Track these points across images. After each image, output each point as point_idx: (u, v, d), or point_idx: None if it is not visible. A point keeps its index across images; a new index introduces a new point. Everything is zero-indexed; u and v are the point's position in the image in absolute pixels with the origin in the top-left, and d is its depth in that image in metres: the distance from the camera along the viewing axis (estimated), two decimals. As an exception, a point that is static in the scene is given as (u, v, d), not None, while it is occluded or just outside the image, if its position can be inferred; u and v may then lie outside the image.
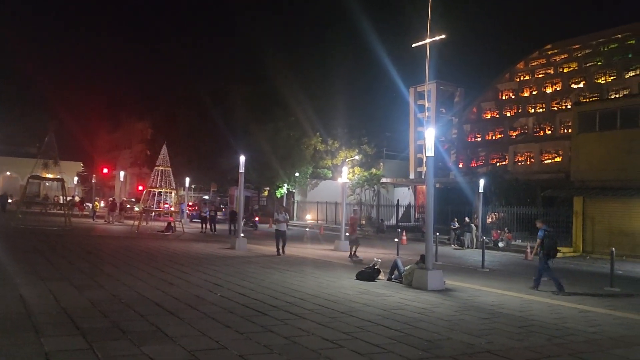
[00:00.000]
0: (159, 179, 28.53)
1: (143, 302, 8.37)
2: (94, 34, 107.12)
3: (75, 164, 71.69)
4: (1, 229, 22.40)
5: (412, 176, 47.04)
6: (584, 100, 35.58)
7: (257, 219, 36.44)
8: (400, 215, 41.07)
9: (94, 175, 64.96)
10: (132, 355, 5.56)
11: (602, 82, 41.01)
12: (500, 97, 48.71)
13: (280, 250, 17.39)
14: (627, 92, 36.32)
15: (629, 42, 43.29)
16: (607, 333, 8.02)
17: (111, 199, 41.31)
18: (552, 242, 12.46)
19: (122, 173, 48.54)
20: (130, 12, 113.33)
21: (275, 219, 18.23)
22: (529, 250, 21.55)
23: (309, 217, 45.10)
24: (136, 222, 27.84)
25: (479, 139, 47.79)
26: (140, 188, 52.94)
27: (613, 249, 14.28)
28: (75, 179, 64.82)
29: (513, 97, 47.45)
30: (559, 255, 22.59)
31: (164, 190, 29.28)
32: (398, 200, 42.86)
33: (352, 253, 17.60)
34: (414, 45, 38.69)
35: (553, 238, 12.64)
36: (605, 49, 44.69)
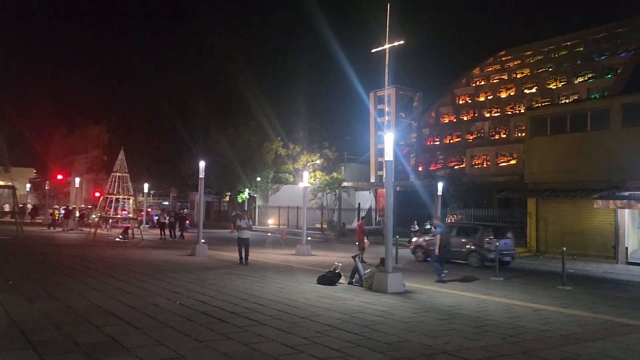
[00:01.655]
0: (116, 185, 27.89)
1: (98, 313, 8.16)
2: (47, 37, 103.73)
3: (28, 170, 69.23)
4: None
5: (372, 180, 47.50)
6: (536, 105, 36.85)
7: (187, 222, 32.76)
8: (361, 218, 41.40)
9: (48, 182, 62.78)
10: (86, 368, 5.42)
11: (553, 88, 42.56)
12: (457, 101, 49.85)
13: (243, 259, 16.47)
14: (577, 97, 37.82)
15: (577, 49, 45.14)
16: (559, 330, 8.32)
17: (65, 206, 40.14)
18: (446, 237, 14.99)
19: (77, 179, 47.01)
20: (85, 15, 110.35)
21: (238, 226, 17.30)
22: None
23: (271, 222, 44.93)
24: (93, 230, 27.09)
25: (437, 143, 48.74)
26: (97, 194, 51.53)
27: (564, 248, 14.84)
28: (28, 185, 62.45)
29: (469, 101, 48.64)
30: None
31: (121, 196, 28.62)
32: (359, 204, 43.21)
33: (360, 258, 17.02)
34: (373, 50, 39.27)
35: (447, 233, 15.22)
36: (556, 56, 46.44)
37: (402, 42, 37.25)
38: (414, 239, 22.28)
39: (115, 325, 7.37)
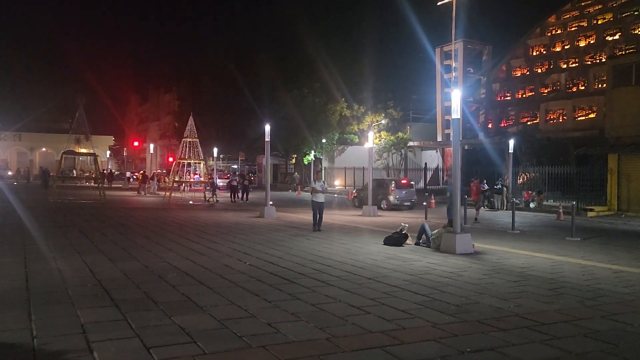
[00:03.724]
0: (187, 150, 28.94)
1: (174, 273, 8.57)
2: (119, 7, 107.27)
3: (107, 137, 73.15)
4: (40, 204, 23.17)
5: (439, 139, 46.31)
6: (620, 53, 34.05)
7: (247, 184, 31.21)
8: (428, 178, 40.70)
9: (125, 149, 66.25)
10: (164, 325, 5.72)
11: (639, 33, 39.09)
12: (530, 53, 47.01)
13: (317, 225, 15.10)
14: (667, 42, 34.59)
15: (668, -11, 40.93)
16: (641, 293, 7.86)
17: (142, 171, 42.35)
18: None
19: (152, 146, 49.30)
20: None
21: (312, 188, 15.87)
22: (561, 210, 21.14)
23: (337, 183, 45.16)
24: (168, 193, 28.40)
25: (508, 98, 46.52)
26: (171, 159, 53.82)
27: (649, 207, 13.87)
28: (108, 152, 66.25)
29: (544, 52, 45.74)
30: (592, 214, 22.25)
31: (192, 161, 29.72)
32: (426, 163, 42.38)
33: (476, 217, 18.81)
34: (439, 3, 37.59)
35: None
36: (643, -3, 42.42)
37: (470, -8, 35.32)
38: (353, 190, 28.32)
39: (189, 285, 7.72)
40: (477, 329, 5.85)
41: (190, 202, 27.52)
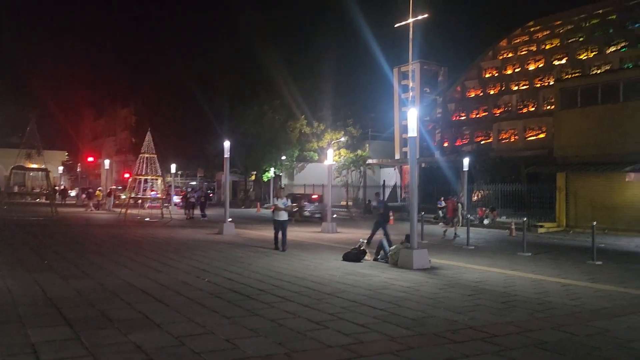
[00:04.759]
0: (144, 166, 28.42)
1: (130, 290, 8.40)
2: (74, 20, 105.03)
3: (60, 153, 70.82)
4: (-15, 221, 22.18)
5: (397, 156, 47.16)
6: (566, 77, 35.79)
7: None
8: (387, 195, 41.29)
9: (79, 164, 64.25)
10: (119, 343, 5.61)
11: (584, 58, 41.21)
12: (483, 75, 48.76)
13: (280, 245, 14.26)
14: (608, 68, 36.58)
15: (610, 17, 43.46)
16: (588, 305, 8.23)
17: (88, 188, 42.16)
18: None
19: (107, 161, 48.03)
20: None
21: (274, 205, 15.17)
22: (513, 226, 21.87)
23: (297, 200, 45.14)
24: (124, 210, 27.73)
25: (463, 118, 47.96)
26: (127, 176, 52.59)
27: (594, 223, 14.55)
28: (61, 168, 64.10)
29: (496, 75, 47.53)
30: (543, 230, 23.10)
31: (149, 177, 29.18)
32: (384, 181, 43.05)
33: (455, 232, 19.88)
34: (396, 25, 38.60)
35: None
36: (587, 25, 44.82)
37: (426, 15, 36.50)
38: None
39: (146, 302, 7.58)
40: (433, 342, 6.00)
41: (147, 219, 26.95)
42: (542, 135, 39.49)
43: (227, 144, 19.90)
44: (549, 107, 38.44)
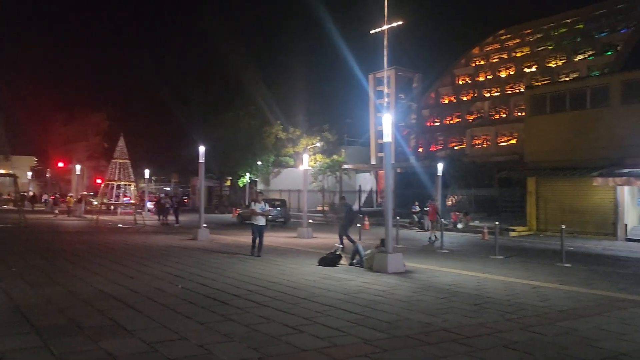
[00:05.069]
0: (117, 171, 27.98)
1: (101, 297, 8.26)
2: (44, 24, 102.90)
3: (29, 158, 69.24)
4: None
5: (373, 162, 47.50)
6: (536, 84, 36.65)
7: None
8: (362, 200, 41.53)
9: (49, 170, 62.85)
10: (89, 350, 5.51)
11: (553, 66, 42.30)
12: (457, 81, 49.60)
13: (256, 250, 14.05)
14: (577, 75, 37.60)
15: (577, 27, 44.75)
16: (556, 307, 8.41)
17: (54, 194, 41.72)
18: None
19: (78, 167, 47.02)
20: (83, 1, 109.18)
21: (251, 210, 14.66)
22: (485, 230, 22.23)
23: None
24: (95, 216, 27.23)
25: (437, 124, 48.63)
26: (99, 181, 51.66)
27: (563, 226, 14.90)
28: (29, 173, 62.62)
29: (469, 81, 48.39)
30: (514, 234, 23.54)
31: (122, 182, 28.73)
32: (360, 186, 43.28)
33: (433, 235, 19.96)
34: (372, 31, 38.92)
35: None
36: (556, 34, 46.07)
37: (400, 22, 36.91)
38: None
39: (118, 309, 7.46)
40: (407, 344, 6.06)
41: (120, 225, 26.52)
42: (513, 141, 40.30)
43: (202, 149, 19.76)
44: (520, 114, 39.28)
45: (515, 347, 6.02)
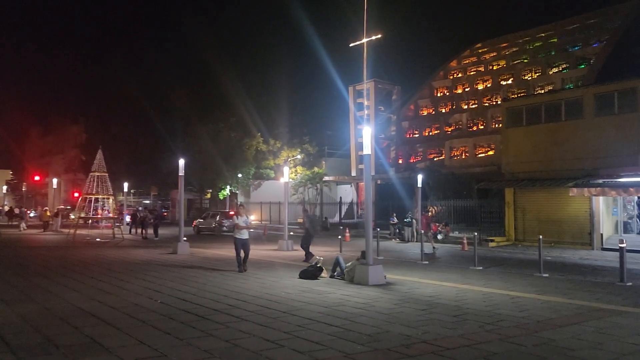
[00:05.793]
0: (95, 185, 27.59)
1: (78, 314, 8.11)
2: (19, 34, 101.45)
3: (4, 171, 67.88)
4: None
5: (354, 173, 47.71)
6: (512, 97, 37.37)
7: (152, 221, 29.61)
8: (343, 212, 41.60)
9: (25, 183, 61.69)
10: (66, 369, 5.41)
11: (529, 79, 43.18)
12: (435, 94, 50.27)
13: (242, 265, 13.73)
14: (551, 88, 38.44)
15: (551, 40, 45.85)
16: (535, 317, 8.51)
17: (20, 208, 41.23)
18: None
19: (55, 180, 46.27)
20: (60, 11, 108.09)
21: (235, 224, 14.34)
22: (465, 241, 22.43)
23: (253, 218, 44.81)
24: (72, 231, 26.76)
25: (417, 135, 49.13)
26: (76, 195, 50.85)
27: (541, 236, 15.11)
28: (5, 187, 61.38)
29: (447, 94, 49.09)
30: (493, 244, 23.80)
31: (100, 196, 28.32)
32: (341, 197, 43.37)
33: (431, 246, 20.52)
34: (351, 44, 39.31)
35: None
36: (531, 47, 47.12)
37: (380, 35, 37.38)
38: (195, 221, 34.83)
39: (95, 326, 7.34)
40: (387, 357, 6.07)
41: (98, 239, 26.11)
42: (491, 152, 40.89)
43: (181, 161, 19.64)
44: (497, 125, 39.92)
45: (495, 359, 6.08)
